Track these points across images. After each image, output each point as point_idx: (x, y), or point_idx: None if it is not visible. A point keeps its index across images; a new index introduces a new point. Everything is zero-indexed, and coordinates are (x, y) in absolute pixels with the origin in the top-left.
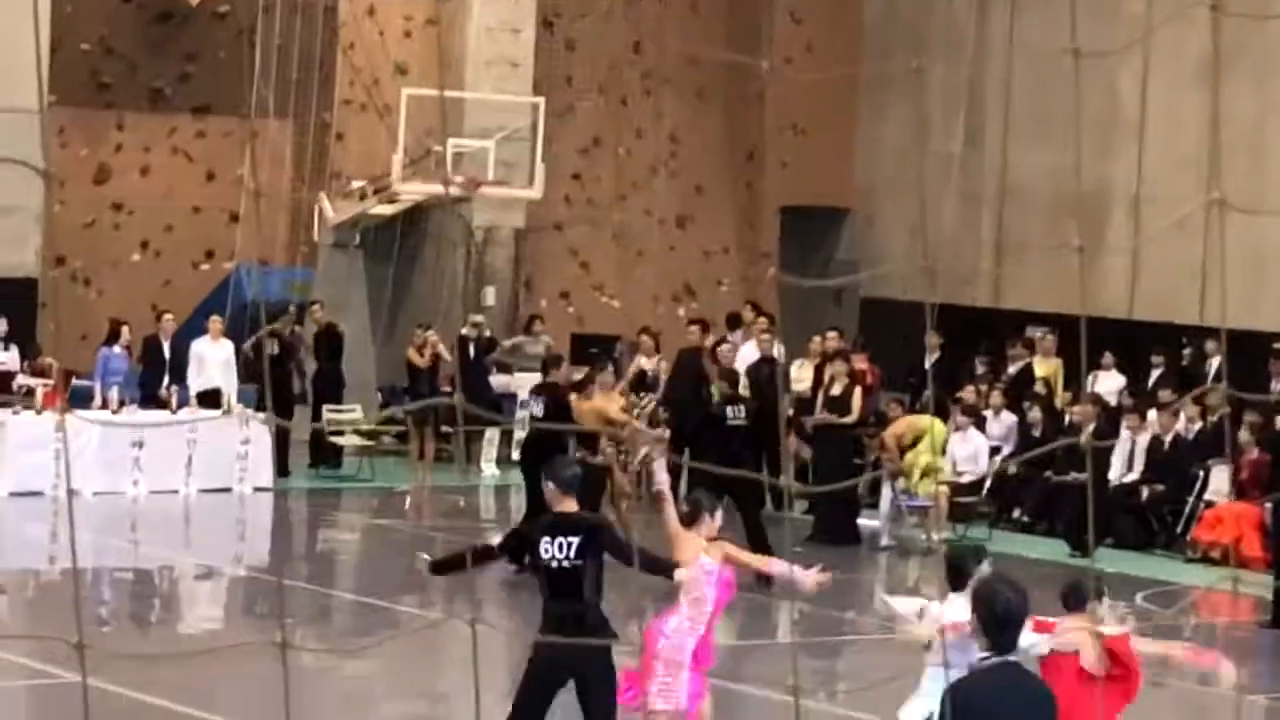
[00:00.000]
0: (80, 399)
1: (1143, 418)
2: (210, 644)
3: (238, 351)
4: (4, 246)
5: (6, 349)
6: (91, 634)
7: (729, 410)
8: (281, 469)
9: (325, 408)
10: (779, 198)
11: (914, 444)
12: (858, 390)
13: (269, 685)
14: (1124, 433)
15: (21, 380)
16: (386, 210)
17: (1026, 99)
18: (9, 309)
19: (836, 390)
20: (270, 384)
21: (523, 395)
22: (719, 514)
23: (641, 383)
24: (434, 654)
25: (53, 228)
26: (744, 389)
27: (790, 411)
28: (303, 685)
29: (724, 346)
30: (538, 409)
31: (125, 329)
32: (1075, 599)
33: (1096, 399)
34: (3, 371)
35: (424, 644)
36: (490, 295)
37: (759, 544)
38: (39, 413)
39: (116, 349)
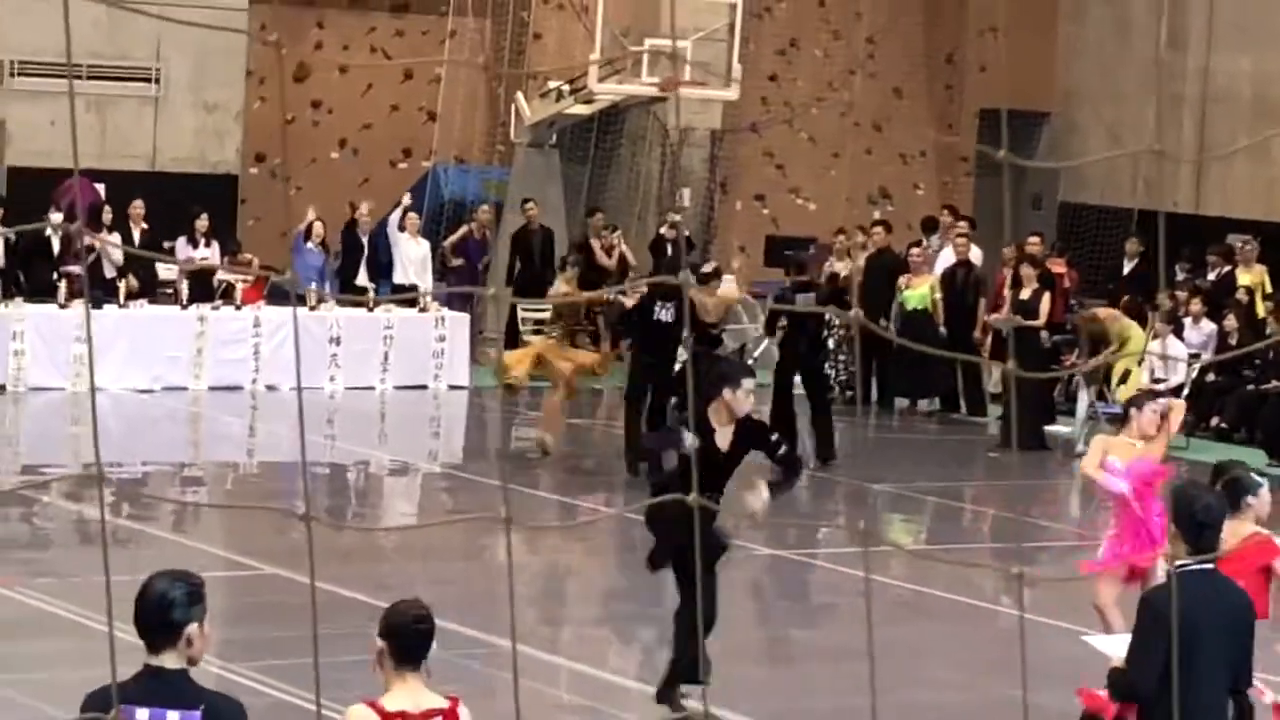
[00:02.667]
0: (277, 295)
1: None
2: (403, 540)
3: (434, 249)
4: (206, 143)
5: (207, 245)
6: (286, 526)
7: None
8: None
9: (520, 306)
10: (977, 101)
11: (1121, 345)
12: (1046, 295)
13: (463, 581)
14: None
15: (222, 276)
16: (583, 110)
17: (1230, 1)
18: (210, 205)
19: (1025, 294)
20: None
21: None
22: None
23: (834, 285)
24: (618, 550)
25: (253, 125)
26: (936, 290)
27: (985, 316)
28: (496, 580)
29: (915, 250)
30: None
31: (317, 225)
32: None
33: None
34: (203, 267)
35: (608, 539)
36: (685, 197)
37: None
38: (238, 308)
39: (310, 245)
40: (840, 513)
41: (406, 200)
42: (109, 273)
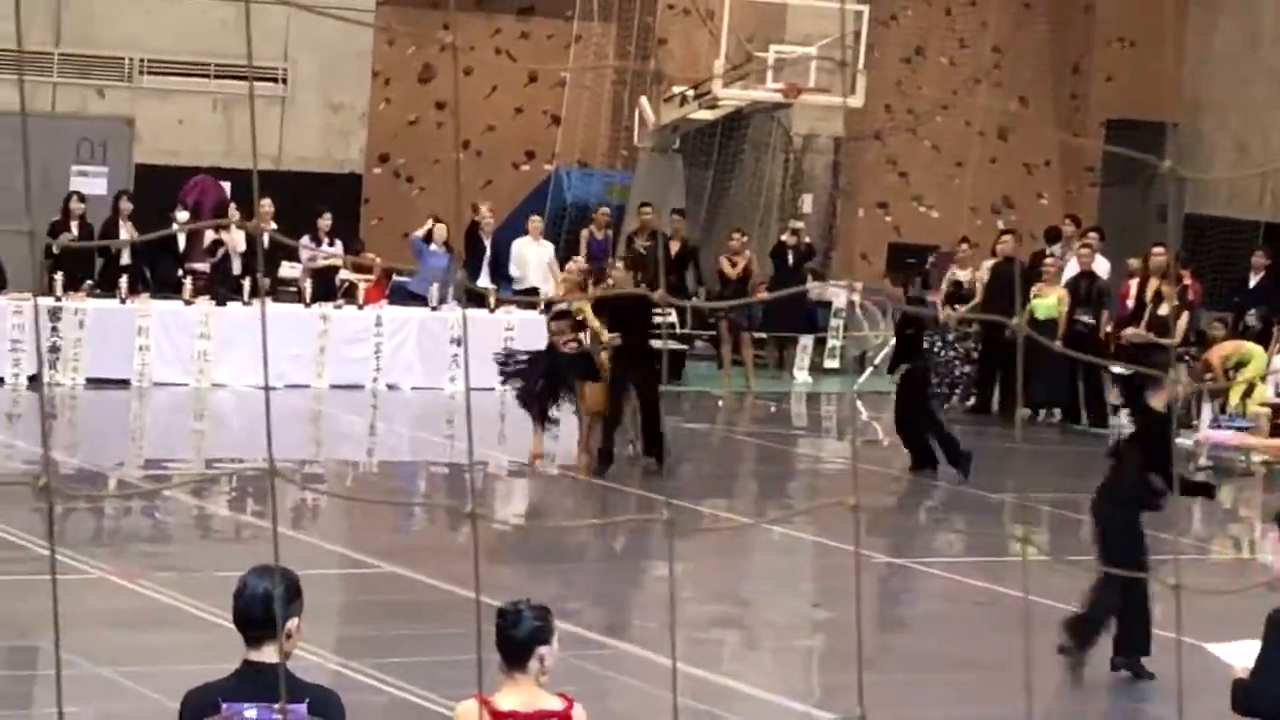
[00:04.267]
0: (399, 295)
1: None
2: (519, 541)
3: (556, 253)
4: (331, 142)
5: (331, 244)
6: (404, 525)
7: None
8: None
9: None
10: (1104, 111)
11: (1238, 367)
12: (1185, 315)
13: (579, 582)
14: None
15: (344, 275)
16: (706, 115)
17: None
18: (334, 204)
19: (1164, 310)
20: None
21: (838, 303)
22: None
23: (956, 294)
24: (740, 557)
25: (377, 125)
26: (1064, 302)
27: (1109, 328)
28: (611, 581)
29: (1048, 260)
30: None
31: (439, 226)
32: None
33: None
34: (326, 266)
35: (730, 546)
36: (808, 203)
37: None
38: (361, 307)
39: (433, 246)
40: (958, 522)
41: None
42: (236, 269)
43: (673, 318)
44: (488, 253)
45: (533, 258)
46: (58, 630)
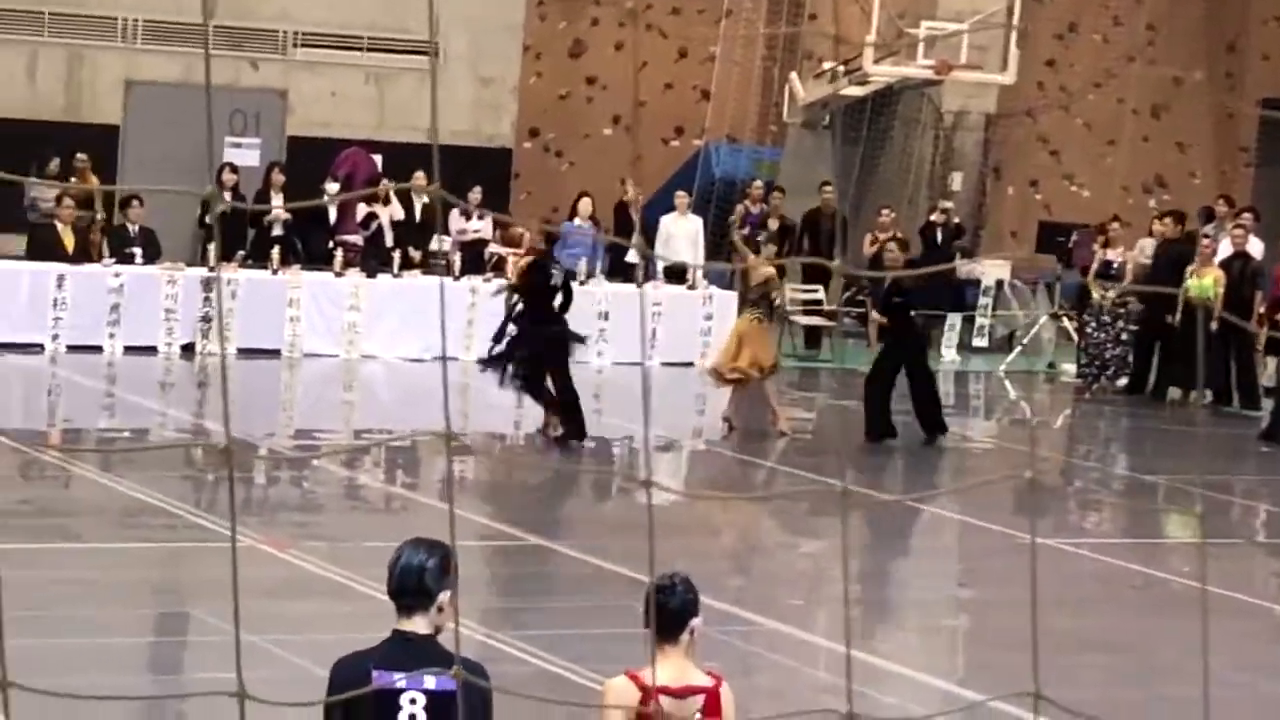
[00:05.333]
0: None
1: None
2: (665, 516)
3: (705, 227)
4: (481, 117)
5: (480, 218)
6: (552, 498)
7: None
8: None
9: (789, 287)
10: (1259, 90)
11: None
12: None
13: (723, 557)
14: None
15: (493, 249)
16: (856, 91)
17: None
18: (483, 178)
19: None
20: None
21: (987, 282)
22: None
23: (1106, 273)
24: (886, 535)
25: (528, 100)
26: (1220, 283)
27: (1262, 309)
28: (756, 557)
29: (1206, 240)
30: None
31: (585, 201)
32: None
33: None
34: (475, 240)
35: (876, 525)
36: (957, 180)
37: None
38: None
39: (577, 221)
40: (1110, 503)
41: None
42: (388, 242)
43: (819, 294)
44: (635, 228)
45: (679, 233)
46: (237, 600)
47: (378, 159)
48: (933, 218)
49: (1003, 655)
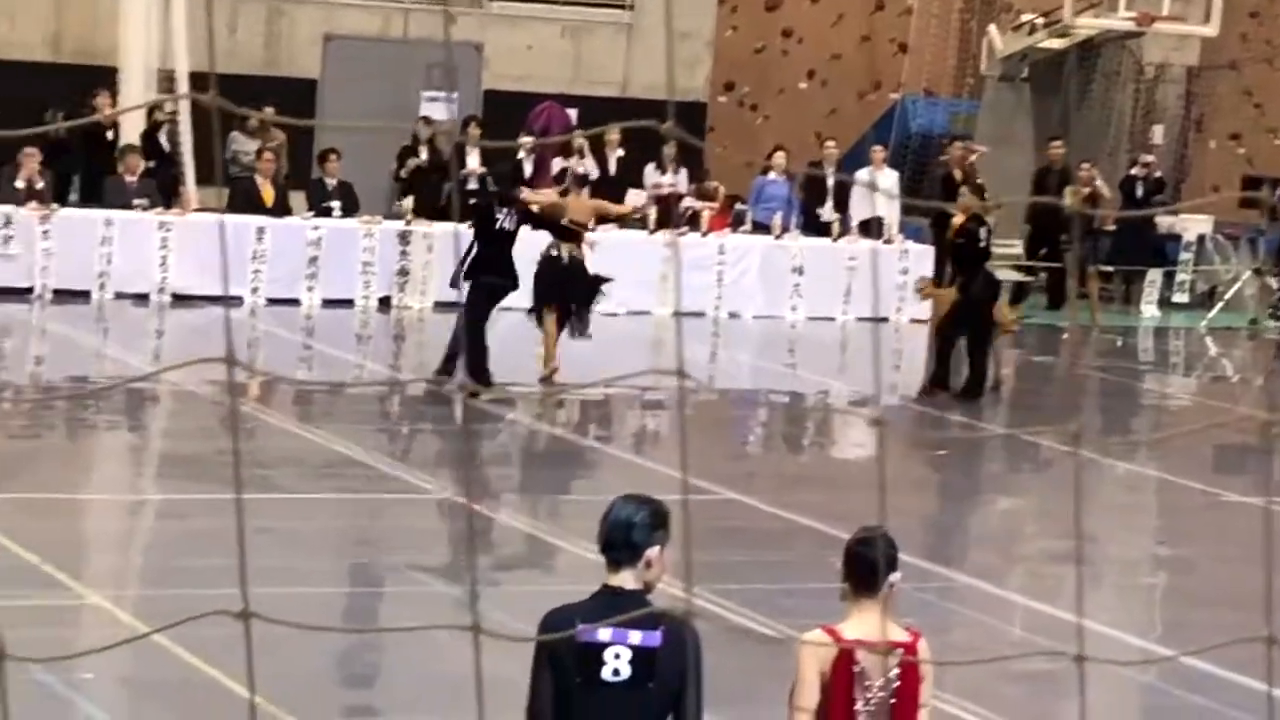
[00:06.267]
0: (742, 223)
1: None
2: (854, 471)
3: (901, 181)
4: (676, 70)
5: (675, 172)
6: (739, 452)
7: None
8: None
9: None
10: None
11: None
12: None
13: (919, 513)
14: None
15: (688, 203)
16: (1056, 44)
17: None
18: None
19: None
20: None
21: (1188, 236)
22: None
23: None
24: (1084, 492)
25: (723, 53)
26: None
27: None
28: (952, 513)
29: None
30: None
31: (780, 155)
32: None
33: None
34: (670, 194)
35: (1073, 481)
36: (1158, 134)
37: None
38: (704, 235)
39: (772, 175)
40: None
41: None
42: (583, 196)
43: (1017, 248)
44: (830, 183)
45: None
46: (474, 559)
47: (573, 113)
48: (1133, 171)
49: (1201, 613)
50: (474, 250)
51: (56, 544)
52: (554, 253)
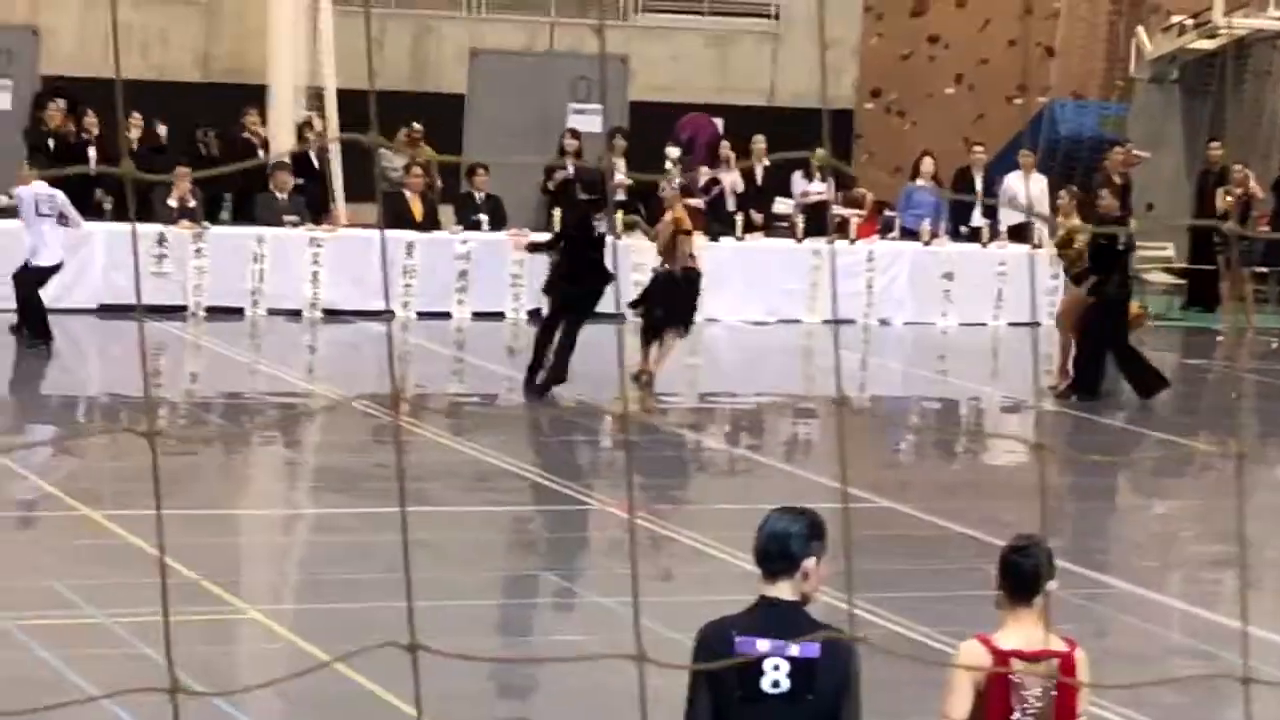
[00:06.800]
0: (890, 230)
1: None
2: (1009, 478)
3: (1050, 186)
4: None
5: (823, 180)
6: (893, 460)
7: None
8: None
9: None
10: None
11: None
12: None
13: (1079, 519)
14: None
15: (836, 210)
16: (1206, 45)
17: None
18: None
19: None
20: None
21: None
22: None
23: None
24: (1231, 487)
25: (869, 60)
26: None
27: None
28: (1112, 520)
29: None
30: None
31: (928, 160)
32: None
33: None
34: (818, 202)
35: (1232, 484)
36: None
37: None
38: (853, 242)
39: (920, 181)
40: None
41: None
42: (730, 206)
43: (1169, 250)
44: (978, 189)
45: (1024, 192)
46: (635, 565)
47: (719, 122)
48: None
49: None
50: (569, 255)
51: (215, 559)
52: (666, 266)
